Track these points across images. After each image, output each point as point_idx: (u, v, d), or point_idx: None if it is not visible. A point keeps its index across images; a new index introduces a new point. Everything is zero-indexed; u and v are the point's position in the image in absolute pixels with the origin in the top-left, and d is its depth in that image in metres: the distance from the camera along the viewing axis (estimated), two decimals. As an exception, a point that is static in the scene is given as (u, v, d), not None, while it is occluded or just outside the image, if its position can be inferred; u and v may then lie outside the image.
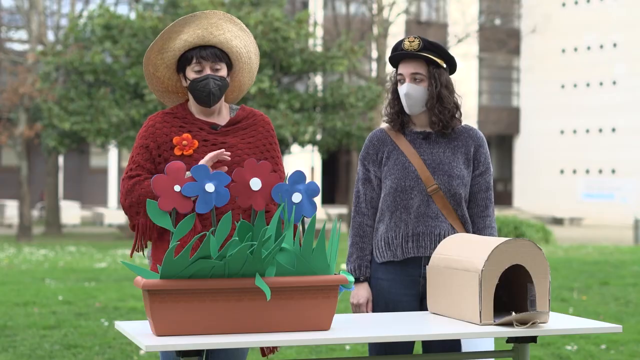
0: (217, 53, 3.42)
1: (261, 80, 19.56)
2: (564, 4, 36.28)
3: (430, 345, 3.62)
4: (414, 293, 3.61)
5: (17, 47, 28.82)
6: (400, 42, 3.65)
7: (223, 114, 3.54)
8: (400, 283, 3.61)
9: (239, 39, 3.47)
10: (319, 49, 22.78)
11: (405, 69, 3.64)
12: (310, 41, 22.05)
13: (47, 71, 20.92)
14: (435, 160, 3.62)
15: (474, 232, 3.66)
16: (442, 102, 3.60)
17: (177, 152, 3.42)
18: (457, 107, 3.65)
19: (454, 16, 31.63)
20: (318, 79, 23.79)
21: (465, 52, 29.54)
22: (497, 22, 37.76)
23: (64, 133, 20.61)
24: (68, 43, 21.39)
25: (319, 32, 25.19)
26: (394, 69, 3.72)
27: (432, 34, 29.61)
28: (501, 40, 35.10)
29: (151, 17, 20.01)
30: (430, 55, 3.60)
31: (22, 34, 27.71)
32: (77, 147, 22.01)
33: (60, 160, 28.07)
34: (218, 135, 3.47)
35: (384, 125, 3.77)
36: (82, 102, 19.83)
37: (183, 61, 3.44)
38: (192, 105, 3.52)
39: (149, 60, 3.45)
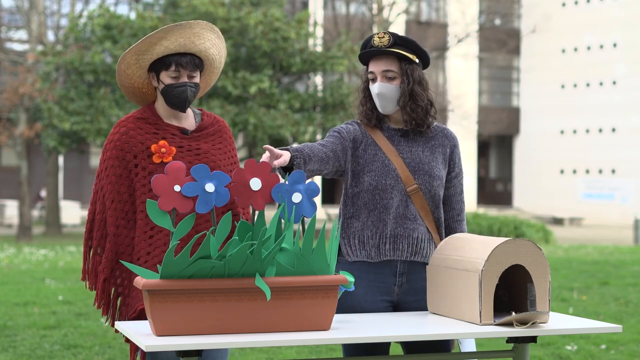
0: (196, 61, 3.49)
1: (261, 80, 19.55)
2: (564, 4, 36.28)
3: (412, 346, 3.49)
4: (390, 299, 3.48)
5: (17, 47, 28.80)
6: (370, 39, 3.48)
7: (189, 117, 3.61)
8: (375, 289, 3.45)
9: (216, 46, 3.54)
10: (319, 49, 22.76)
11: (376, 66, 3.47)
12: (310, 41, 22.03)
13: (47, 71, 20.90)
14: (415, 160, 3.49)
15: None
16: (415, 99, 3.46)
17: (156, 159, 3.46)
18: (431, 103, 3.50)
19: (454, 16, 31.61)
20: (318, 79, 23.77)
21: (465, 52, 29.54)
22: (497, 22, 37.74)
23: (64, 133, 20.60)
24: (68, 43, 21.39)
25: (319, 32, 25.16)
26: (364, 66, 3.56)
27: (432, 34, 29.60)
28: (501, 40, 35.08)
29: (151, 17, 20.00)
30: (401, 50, 3.44)
31: (22, 34, 27.70)
32: (77, 147, 21.99)
33: (60, 160, 28.05)
34: (191, 140, 3.53)
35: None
36: (82, 102, 19.83)
37: (159, 64, 3.47)
38: (161, 108, 3.56)
39: (124, 59, 3.48)
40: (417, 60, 3.49)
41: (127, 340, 3.55)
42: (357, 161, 3.49)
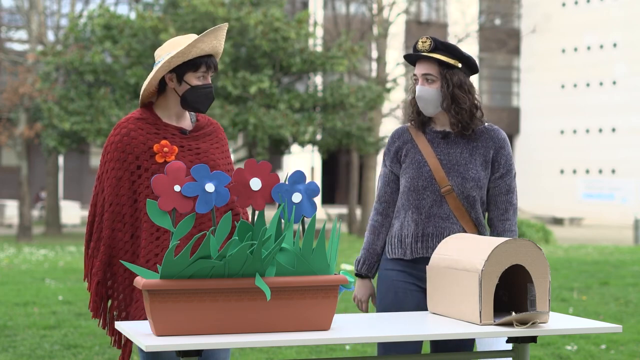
0: (215, 62, 3.49)
1: (261, 80, 19.54)
2: (564, 4, 36.29)
3: (438, 345, 3.64)
4: (422, 285, 3.62)
5: (17, 47, 28.81)
6: (416, 42, 3.66)
7: (186, 118, 3.59)
8: (409, 275, 3.63)
9: (222, 45, 3.55)
10: (319, 49, 22.76)
11: (418, 69, 3.65)
12: (310, 41, 22.03)
13: (47, 71, 20.90)
14: (451, 161, 3.61)
15: (492, 236, 3.62)
16: (457, 102, 3.58)
17: (159, 159, 3.43)
18: (476, 107, 3.63)
19: (454, 16, 31.63)
20: (318, 79, 23.77)
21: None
22: (497, 22, 37.76)
23: (64, 133, 20.60)
24: (68, 43, 21.39)
25: (319, 32, 25.17)
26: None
27: (432, 34, 29.60)
28: (501, 40, 35.09)
29: (151, 17, 19.99)
30: (441, 56, 3.58)
31: (22, 34, 27.70)
32: (77, 147, 21.98)
33: (60, 160, 28.06)
34: (190, 140, 3.52)
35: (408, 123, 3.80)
36: (82, 102, 19.82)
37: (186, 66, 3.42)
38: (162, 109, 3.52)
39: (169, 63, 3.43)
40: (459, 65, 3.60)
41: (115, 344, 3.52)
42: (401, 166, 3.70)
